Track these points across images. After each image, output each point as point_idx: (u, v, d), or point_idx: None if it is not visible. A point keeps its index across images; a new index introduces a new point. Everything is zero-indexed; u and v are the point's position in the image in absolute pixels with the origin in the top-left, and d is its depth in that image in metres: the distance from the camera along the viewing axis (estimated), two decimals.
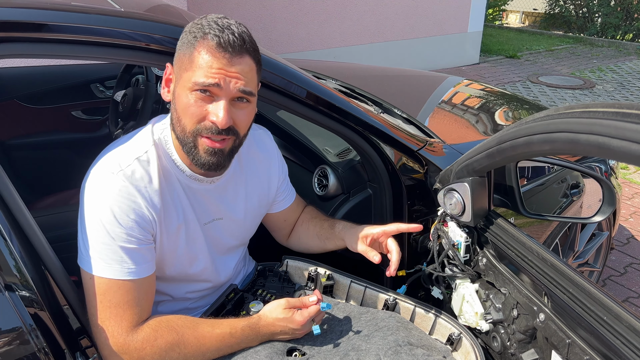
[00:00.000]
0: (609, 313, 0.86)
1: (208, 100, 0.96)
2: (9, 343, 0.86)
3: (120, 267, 0.97)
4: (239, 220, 1.23)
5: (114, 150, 1.03)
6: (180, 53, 0.98)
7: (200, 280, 1.21)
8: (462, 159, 1.21)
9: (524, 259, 1.09)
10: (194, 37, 0.95)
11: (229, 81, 0.95)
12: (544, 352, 1.07)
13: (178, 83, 0.99)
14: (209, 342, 1.05)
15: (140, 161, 1.01)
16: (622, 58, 8.33)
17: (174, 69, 1.00)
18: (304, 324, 1.11)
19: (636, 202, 3.52)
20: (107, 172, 0.99)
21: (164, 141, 1.07)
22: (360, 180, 1.56)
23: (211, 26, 0.95)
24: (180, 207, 1.09)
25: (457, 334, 1.20)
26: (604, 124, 0.64)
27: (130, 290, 0.99)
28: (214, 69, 0.94)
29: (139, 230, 0.99)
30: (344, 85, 2.05)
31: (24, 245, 0.93)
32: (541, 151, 0.83)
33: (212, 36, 0.93)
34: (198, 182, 1.10)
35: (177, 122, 1.00)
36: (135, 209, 0.98)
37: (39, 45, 0.97)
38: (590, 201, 1.92)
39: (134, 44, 1.05)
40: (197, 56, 0.94)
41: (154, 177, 1.02)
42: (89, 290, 0.98)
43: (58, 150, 2.28)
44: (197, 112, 0.97)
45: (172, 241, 1.08)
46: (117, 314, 0.98)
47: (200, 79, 0.94)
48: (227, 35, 0.94)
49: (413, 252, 1.57)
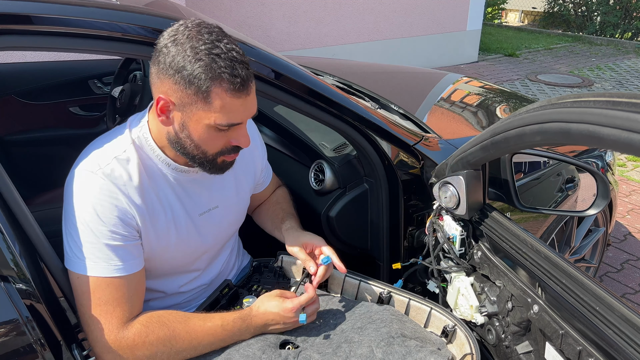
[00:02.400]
0: (601, 304, 0.86)
1: (229, 129, 0.99)
2: (6, 335, 0.87)
3: (107, 264, 0.98)
4: (233, 206, 1.25)
5: (92, 151, 1.04)
6: (181, 87, 0.92)
7: (193, 271, 1.22)
8: (457, 152, 1.21)
9: (519, 251, 1.10)
10: (206, 77, 0.89)
11: (249, 113, 0.99)
12: (538, 343, 1.07)
13: (189, 118, 0.96)
14: (201, 336, 1.05)
15: (118, 160, 1.02)
16: (621, 56, 8.33)
17: (174, 99, 0.94)
18: (295, 311, 1.12)
19: (633, 200, 3.53)
20: (87, 171, 0.99)
21: (143, 139, 1.06)
22: (356, 175, 1.57)
23: (216, 62, 0.89)
24: (167, 203, 1.09)
25: (452, 326, 1.20)
26: (595, 113, 0.65)
27: (118, 287, 0.99)
28: (237, 111, 0.95)
29: (123, 226, 1.00)
30: (342, 82, 2.05)
31: (21, 239, 0.93)
32: (534, 142, 0.83)
33: (228, 77, 0.90)
34: (184, 173, 1.10)
35: (194, 148, 1.00)
36: (118, 205, 0.99)
37: (36, 37, 0.97)
38: (585, 195, 1.93)
39: (131, 37, 1.05)
40: (216, 100, 0.92)
41: (134, 175, 1.02)
42: (77, 290, 0.99)
43: (56, 146, 2.28)
44: (220, 143, 1.01)
45: (162, 238, 1.09)
46: (107, 311, 0.98)
47: (225, 122, 0.95)
48: (237, 70, 0.91)
49: (409, 246, 1.58)
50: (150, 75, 0.97)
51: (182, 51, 0.90)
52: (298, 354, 1.09)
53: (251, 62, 1.19)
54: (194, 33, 0.91)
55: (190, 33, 0.91)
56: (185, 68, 0.90)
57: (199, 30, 0.92)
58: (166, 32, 0.94)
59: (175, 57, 0.90)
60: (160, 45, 0.93)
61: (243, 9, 5.18)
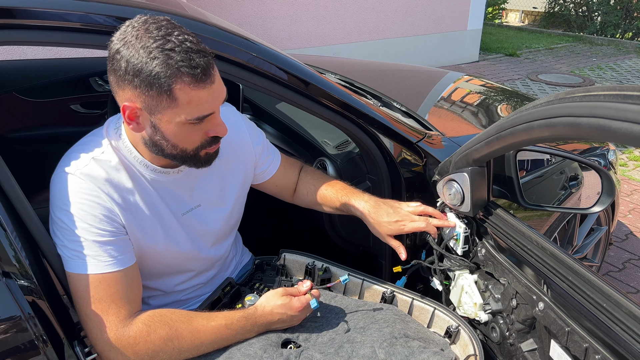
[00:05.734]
0: (608, 300, 0.86)
1: (202, 121, 0.96)
2: (7, 331, 0.86)
3: (97, 261, 0.98)
4: (219, 204, 1.22)
5: (71, 154, 1.03)
6: (143, 91, 0.89)
7: (188, 271, 1.21)
8: (462, 149, 1.21)
9: (524, 248, 1.09)
10: (164, 75, 0.87)
11: (218, 101, 0.96)
12: (543, 341, 1.07)
13: (159, 120, 0.93)
14: (204, 336, 1.04)
15: (97, 160, 1.01)
16: (622, 56, 8.33)
17: (139, 105, 0.92)
18: (302, 310, 1.11)
19: (635, 199, 3.52)
20: (66, 173, 0.99)
21: (120, 141, 1.05)
22: (359, 173, 1.56)
23: (171, 57, 0.86)
24: (150, 203, 1.07)
25: (455, 327, 1.19)
26: (605, 106, 0.64)
27: (111, 283, 0.98)
28: (205, 102, 0.92)
29: (109, 222, 0.99)
30: (344, 79, 2.05)
31: (23, 235, 0.93)
32: (541, 137, 0.82)
33: (187, 70, 0.87)
34: (164, 174, 1.08)
35: (172, 148, 0.98)
36: (100, 203, 0.99)
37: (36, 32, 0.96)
38: (589, 193, 1.92)
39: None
40: (180, 95, 0.89)
41: (113, 174, 1.02)
42: (71, 289, 0.98)
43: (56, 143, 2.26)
44: (197, 137, 0.99)
45: (149, 238, 1.08)
46: (103, 308, 0.97)
47: (195, 115, 0.93)
48: (196, 60, 0.88)
49: (411, 244, 1.57)
50: (110, 85, 0.94)
51: (135, 53, 0.86)
52: (300, 353, 1.08)
53: (250, 56, 1.18)
54: (142, 32, 0.87)
55: (138, 33, 0.87)
56: (143, 70, 0.87)
57: (147, 27, 0.88)
58: (114, 36, 0.90)
59: (130, 60, 0.87)
60: (112, 52, 0.89)
61: (244, 7, 5.18)
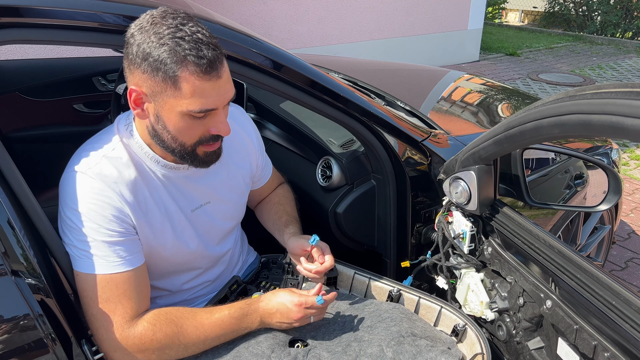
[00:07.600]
0: (617, 298, 0.86)
1: (205, 116, 0.96)
2: (17, 329, 0.86)
3: (106, 261, 0.98)
4: (227, 201, 1.22)
5: (82, 152, 1.03)
6: (149, 76, 0.90)
7: (194, 269, 1.21)
8: (468, 147, 1.21)
9: (531, 246, 1.09)
10: (171, 61, 0.88)
11: (223, 98, 0.95)
12: (550, 339, 1.07)
13: (162, 107, 0.94)
14: (209, 329, 1.05)
15: (108, 158, 1.01)
16: (622, 56, 8.33)
17: (145, 90, 0.93)
18: (301, 318, 1.10)
19: (637, 198, 3.53)
20: (77, 172, 0.99)
21: (130, 137, 1.05)
22: (364, 171, 1.56)
23: (180, 45, 0.87)
24: (160, 200, 1.08)
25: (462, 325, 1.19)
26: (617, 104, 0.64)
27: (119, 283, 0.99)
28: (208, 95, 0.92)
29: (118, 223, 0.99)
30: (347, 78, 2.05)
31: (31, 234, 0.93)
32: (551, 135, 0.82)
33: (193, 59, 0.88)
34: (175, 170, 1.09)
35: (172, 140, 0.99)
36: (110, 203, 0.98)
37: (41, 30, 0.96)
38: (594, 192, 1.92)
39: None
40: (184, 85, 0.89)
41: (124, 172, 1.01)
42: (79, 289, 0.98)
43: (59, 143, 2.27)
44: (198, 132, 0.98)
45: (158, 235, 1.08)
46: (110, 308, 0.97)
47: (197, 107, 0.92)
48: (204, 51, 0.88)
49: (416, 243, 1.57)
50: (123, 69, 0.95)
51: (147, 38, 0.88)
52: (307, 352, 1.08)
53: (256, 54, 1.18)
54: (158, 19, 0.89)
55: (154, 20, 0.90)
56: (151, 55, 0.88)
57: (164, 16, 0.90)
58: (133, 22, 0.92)
59: (141, 45, 0.88)
60: (127, 36, 0.91)
61: (245, 7, 5.17)
